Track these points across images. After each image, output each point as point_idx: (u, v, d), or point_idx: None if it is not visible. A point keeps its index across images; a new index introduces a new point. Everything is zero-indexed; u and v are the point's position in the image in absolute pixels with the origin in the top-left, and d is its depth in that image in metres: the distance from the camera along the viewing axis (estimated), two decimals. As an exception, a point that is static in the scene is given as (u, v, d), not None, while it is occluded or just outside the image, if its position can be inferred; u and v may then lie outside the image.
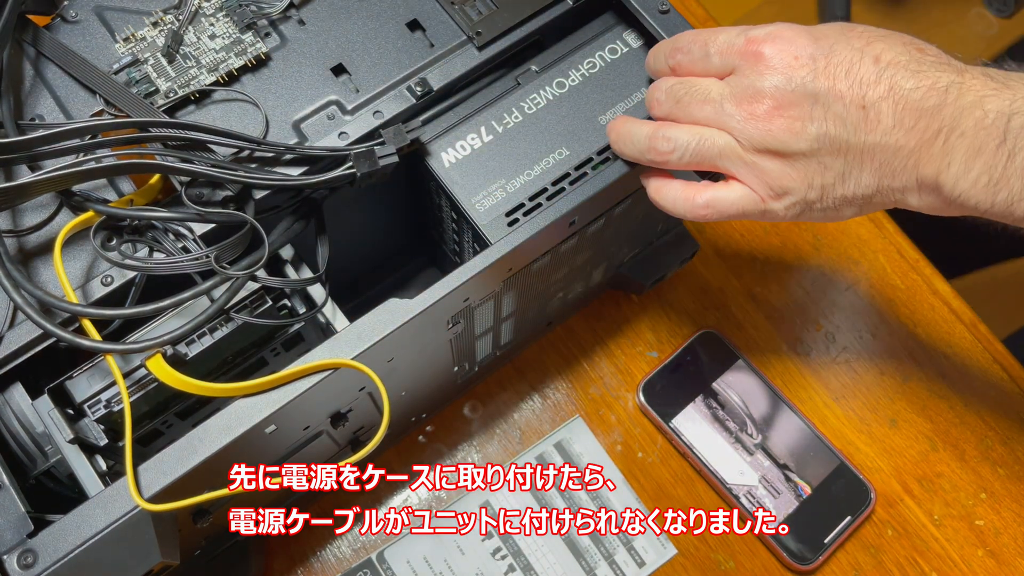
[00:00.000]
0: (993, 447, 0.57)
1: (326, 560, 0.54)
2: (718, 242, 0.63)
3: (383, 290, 0.57)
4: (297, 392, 0.36)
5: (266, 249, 0.37)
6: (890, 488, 0.56)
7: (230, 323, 0.38)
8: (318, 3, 0.44)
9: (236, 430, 0.35)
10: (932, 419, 0.58)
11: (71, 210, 0.39)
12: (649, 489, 0.56)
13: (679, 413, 0.57)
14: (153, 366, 0.35)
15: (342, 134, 0.42)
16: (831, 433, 0.58)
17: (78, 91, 0.42)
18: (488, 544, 0.54)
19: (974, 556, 0.55)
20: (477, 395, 0.58)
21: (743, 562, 0.55)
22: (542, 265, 0.44)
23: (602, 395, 0.58)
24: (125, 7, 0.43)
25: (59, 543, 0.34)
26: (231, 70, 0.42)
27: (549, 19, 0.44)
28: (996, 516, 0.56)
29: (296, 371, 0.35)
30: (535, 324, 0.54)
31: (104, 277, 0.38)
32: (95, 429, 0.38)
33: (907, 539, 0.55)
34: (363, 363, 0.36)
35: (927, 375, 0.59)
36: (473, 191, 0.42)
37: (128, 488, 0.33)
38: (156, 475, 0.34)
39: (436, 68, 0.43)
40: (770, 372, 0.59)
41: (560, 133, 0.43)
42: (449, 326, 0.42)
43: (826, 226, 0.64)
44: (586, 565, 0.54)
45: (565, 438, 0.57)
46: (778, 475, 0.55)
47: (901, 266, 0.62)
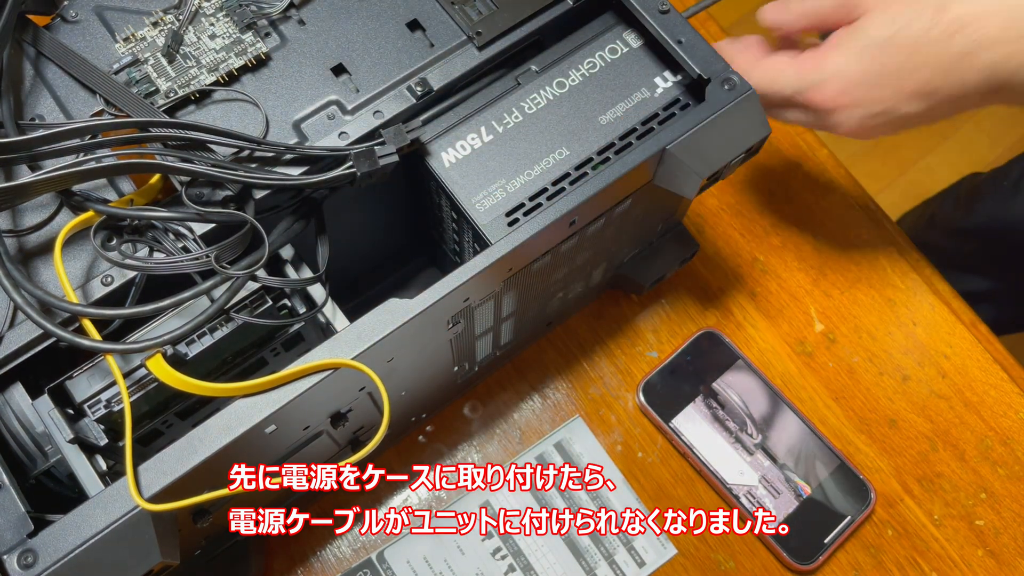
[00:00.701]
0: (993, 447, 0.57)
1: (326, 560, 0.54)
2: (718, 242, 0.63)
3: (383, 290, 0.57)
4: (297, 392, 0.36)
5: (266, 249, 0.37)
6: (890, 488, 0.56)
7: (230, 323, 0.38)
8: (318, 3, 0.44)
9: (236, 430, 0.35)
10: (932, 419, 0.58)
11: (71, 210, 0.39)
12: (649, 489, 0.56)
13: (679, 413, 0.57)
14: (153, 366, 0.35)
15: (342, 134, 0.42)
16: (831, 433, 0.57)
17: (78, 91, 0.41)
18: (488, 544, 0.54)
19: (974, 556, 0.55)
20: (477, 395, 0.58)
21: (743, 562, 0.54)
22: (542, 265, 0.44)
23: (602, 395, 0.58)
24: (125, 7, 0.43)
25: (59, 543, 0.34)
26: (231, 70, 0.42)
27: (549, 19, 0.44)
28: (996, 516, 0.56)
29: (296, 371, 0.35)
30: (535, 324, 0.54)
31: (104, 277, 0.38)
32: (95, 429, 0.38)
33: (907, 539, 0.55)
34: (363, 363, 0.36)
35: (927, 375, 0.59)
36: (473, 191, 0.42)
37: (128, 488, 0.33)
38: (156, 475, 0.34)
39: (436, 68, 0.43)
40: (770, 372, 0.59)
41: (560, 133, 0.43)
42: (449, 326, 0.42)
43: (826, 227, 0.64)
44: (586, 565, 0.54)
45: (565, 438, 0.57)
46: (778, 475, 0.55)
47: (901, 266, 0.62)
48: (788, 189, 0.65)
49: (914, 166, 1.40)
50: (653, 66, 0.44)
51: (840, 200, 0.65)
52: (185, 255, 0.37)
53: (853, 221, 0.64)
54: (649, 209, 0.49)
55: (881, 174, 1.39)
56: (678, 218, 0.56)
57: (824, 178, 0.65)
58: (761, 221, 0.64)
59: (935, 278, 0.62)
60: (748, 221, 0.64)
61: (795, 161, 0.66)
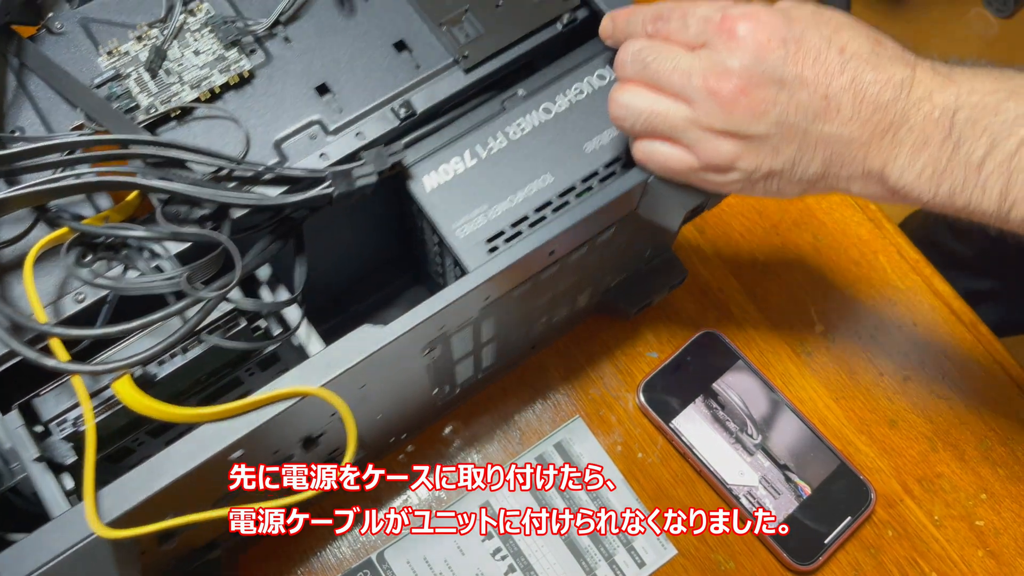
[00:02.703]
0: (993, 447, 0.57)
1: (326, 560, 0.54)
2: (718, 242, 0.63)
3: (370, 306, 0.57)
4: (264, 419, 0.35)
5: (237, 272, 0.37)
6: (890, 488, 0.56)
7: (202, 344, 0.38)
8: (305, 21, 0.44)
9: (200, 456, 0.34)
10: (932, 419, 0.58)
11: (47, 224, 0.39)
12: (649, 489, 0.56)
13: (679, 413, 0.57)
14: (119, 388, 0.35)
15: (323, 155, 0.41)
16: (831, 433, 0.57)
17: (60, 104, 0.41)
18: (488, 544, 0.54)
19: (974, 557, 0.55)
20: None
21: (743, 562, 0.54)
22: (523, 292, 0.44)
23: (602, 395, 0.58)
24: (111, 19, 0.43)
25: (17, 565, 0.33)
26: (214, 87, 0.42)
27: (537, 43, 0.44)
28: (996, 516, 0.56)
29: (263, 398, 0.35)
30: (519, 347, 0.54)
31: (77, 294, 0.38)
32: (63, 447, 0.37)
33: (907, 540, 0.55)
34: (332, 390, 0.36)
35: (927, 375, 0.59)
36: (454, 216, 0.42)
37: (86, 513, 0.33)
38: (117, 500, 0.34)
39: (421, 90, 0.43)
40: (770, 372, 0.59)
41: (544, 159, 0.42)
42: (425, 352, 0.42)
43: (826, 227, 0.64)
44: (586, 565, 0.53)
45: (565, 438, 0.57)
46: (778, 475, 0.55)
47: (901, 266, 0.62)
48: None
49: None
50: (641, 94, 0.44)
51: (840, 200, 0.64)
52: (158, 275, 0.37)
53: (853, 221, 0.64)
54: (635, 237, 0.48)
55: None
56: (667, 244, 0.55)
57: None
58: (761, 221, 0.63)
59: (935, 278, 0.62)
60: (748, 221, 0.63)
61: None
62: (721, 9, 0.38)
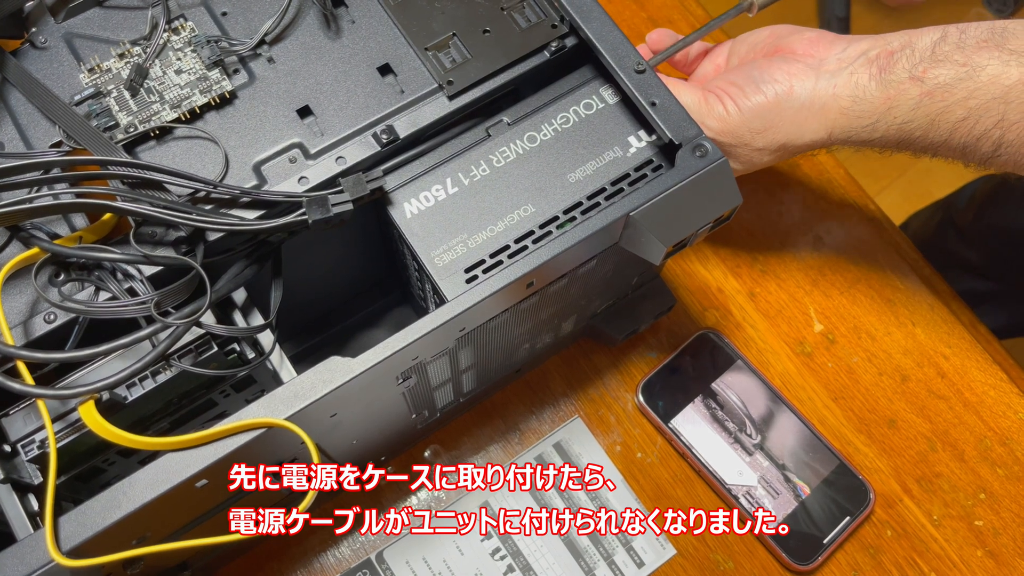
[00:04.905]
0: (992, 447, 0.57)
1: (326, 560, 0.53)
2: (717, 242, 0.62)
3: (355, 324, 0.57)
4: (228, 449, 0.35)
5: (208, 298, 0.36)
6: (889, 488, 0.56)
7: (172, 369, 0.38)
8: (290, 42, 0.43)
9: (163, 486, 0.34)
10: (931, 419, 0.58)
11: (21, 242, 0.39)
12: (648, 489, 0.55)
13: (678, 413, 0.56)
14: (84, 413, 0.35)
15: (302, 179, 0.41)
16: (830, 433, 0.57)
17: (40, 120, 0.41)
18: (487, 544, 0.54)
19: (973, 556, 0.54)
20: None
21: (742, 562, 0.54)
22: (501, 321, 0.43)
23: (601, 395, 0.58)
24: (95, 35, 0.43)
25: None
26: (194, 107, 0.41)
27: (524, 71, 0.43)
28: (995, 516, 0.55)
29: (227, 428, 0.35)
30: (502, 372, 0.53)
31: (47, 314, 0.38)
32: (29, 468, 0.37)
33: (906, 539, 0.55)
34: (299, 421, 0.36)
35: (927, 375, 0.59)
36: (433, 244, 0.41)
37: (46, 540, 0.33)
38: (77, 527, 0.33)
39: (404, 115, 0.42)
40: (769, 372, 0.58)
41: (527, 189, 0.42)
42: (399, 381, 0.41)
43: (826, 227, 0.63)
44: (585, 565, 0.53)
45: (564, 438, 0.56)
46: (777, 475, 0.55)
47: (901, 266, 0.62)
48: (788, 189, 0.64)
49: (914, 166, 1.39)
50: (628, 124, 0.43)
51: (840, 200, 0.64)
52: (129, 299, 0.37)
53: (853, 221, 0.63)
54: (619, 267, 0.47)
55: (881, 174, 1.39)
56: (655, 273, 0.54)
57: (824, 178, 0.65)
58: (760, 222, 0.63)
59: (935, 278, 0.62)
60: (748, 221, 0.63)
61: (795, 161, 0.65)
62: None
